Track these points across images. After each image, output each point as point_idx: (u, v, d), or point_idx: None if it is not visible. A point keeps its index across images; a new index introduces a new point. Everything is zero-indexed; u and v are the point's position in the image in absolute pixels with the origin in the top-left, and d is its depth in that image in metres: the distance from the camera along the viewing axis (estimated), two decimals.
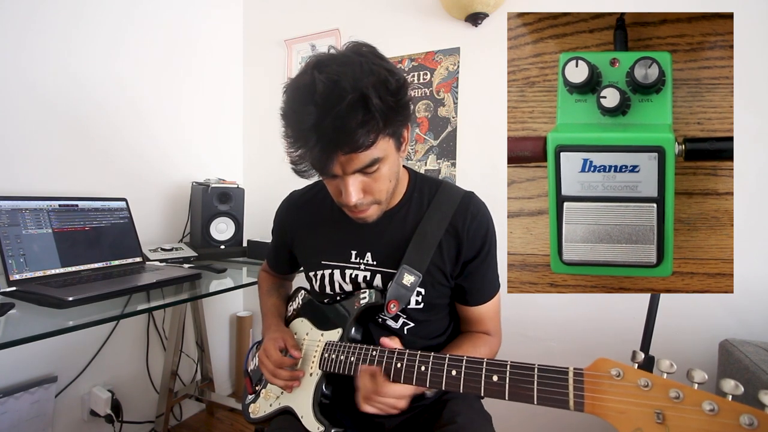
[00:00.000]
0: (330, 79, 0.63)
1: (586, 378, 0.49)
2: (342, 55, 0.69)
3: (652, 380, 0.44)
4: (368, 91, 0.63)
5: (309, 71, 0.66)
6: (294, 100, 0.67)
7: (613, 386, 0.46)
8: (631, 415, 0.43)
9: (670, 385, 0.43)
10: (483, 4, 1.50)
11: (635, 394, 0.44)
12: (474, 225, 0.83)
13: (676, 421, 0.41)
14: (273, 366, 0.84)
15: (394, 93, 0.67)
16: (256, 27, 2.17)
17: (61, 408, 1.47)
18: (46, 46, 1.40)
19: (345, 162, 0.67)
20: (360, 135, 0.63)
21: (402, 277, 0.80)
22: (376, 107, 0.63)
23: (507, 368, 0.58)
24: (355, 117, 0.62)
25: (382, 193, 0.76)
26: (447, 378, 0.63)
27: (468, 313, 0.89)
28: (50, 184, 1.42)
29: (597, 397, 0.47)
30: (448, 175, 1.69)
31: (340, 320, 0.87)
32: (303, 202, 1.00)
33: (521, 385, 0.55)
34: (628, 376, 0.46)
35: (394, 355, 0.70)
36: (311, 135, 0.64)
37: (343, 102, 0.62)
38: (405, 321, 0.86)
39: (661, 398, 0.42)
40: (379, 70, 0.66)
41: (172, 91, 1.84)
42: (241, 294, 2.29)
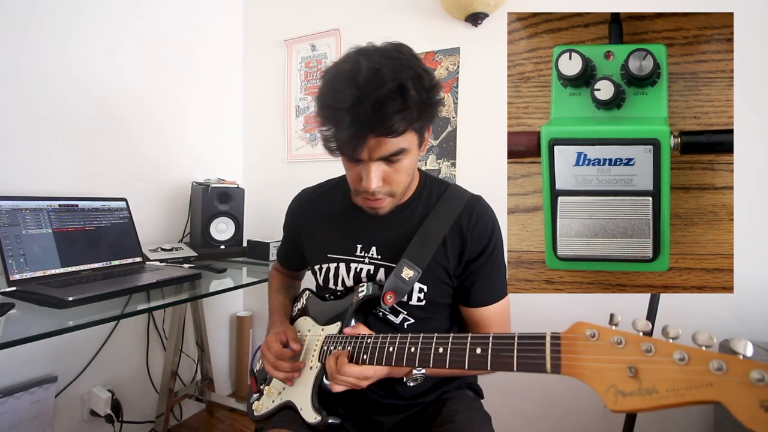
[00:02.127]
0: (373, 67, 0.67)
1: (563, 341, 0.50)
2: (384, 48, 0.73)
3: (625, 337, 0.44)
4: (407, 83, 0.67)
5: (353, 57, 0.71)
6: (335, 80, 0.70)
7: (588, 346, 0.47)
8: (605, 373, 0.44)
9: (642, 340, 0.43)
10: (483, 4, 1.50)
11: (609, 351, 0.45)
12: (479, 225, 0.85)
13: (648, 374, 0.41)
14: (274, 358, 0.85)
15: (428, 90, 0.71)
16: (256, 27, 2.18)
17: (61, 408, 1.47)
18: (47, 46, 1.41)
19: (373, 147, 0.71)
20: (395, 121, 0.67)
21: (401, 270, 0.81)
22: (412, 98, 0.67)
23: (489, 340, 0.59)
24: (392, 104, 0.66)
25: (399, 185, 0.79)
26: (434, 355, 0.64)
27: (470, 315, 0.89)
28: (50, 184, 1.42)
29: (573, 357, 0.48)
30: (448, 174, 1.68)
31: (339, 315, 0.88)
32: (312, 198, 1.02)
33: (502, 354, 0.56)
34: (603, 335, 0.46)
35: (387, 340, 0.72)
36: (346, 115, 0.67)
37: (383, 88, 0.65)
38: (405, 317, 0.87)
39: (633, 353, 0.43)
40: (417, 67, 0.71)
41: (172, 91, 1.84)
42: (241, 294, 2.29)
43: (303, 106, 2.05)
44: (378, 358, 0.71)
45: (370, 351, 0.73)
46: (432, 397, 0.91)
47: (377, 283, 0.86)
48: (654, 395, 0.40)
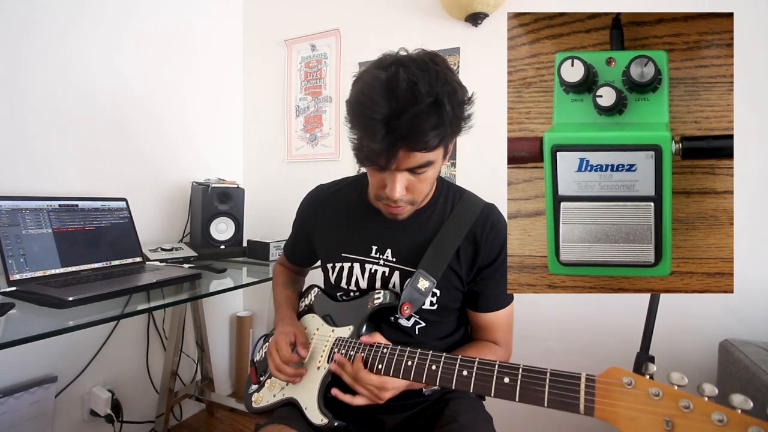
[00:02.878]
0: (410, 79, 0.66)
1: (597, 384, 0.50)
2: (421, 59, 0.71)
3: (663, 390, 0.45)
4: (443, 98, 0.67)
5: (391, 66, 0.69)
6: (372, 89, 0.69)
7: (624, 393, 0.47)
8: (641, 422, 0.44)
9: (680, 396, 0.44)
10: (483, 4, 1.50)
11: (646, 402, 0.45)
12: (493, 234, 0.87)
13: (684, 429, 0.42)
14: (280, 360, 0.86)
15: (461, 104, 0.72)
16: (256, 27, 2.17)
17: (61, 408, 1.47)
18: (47, 47, 1.40)
19: (402, 158, 0.71)
20: (430, 137, 0.67)
21: (417, 282, 0.83)
22: (447, 114, 0.67)
23: (519, 372, 0.59)
24: (429, 119, 0.66)
25: (421, 194, 0.81)
26: (458, 377, 0.65)
27: (478, 319, 0.91)
28: (50, 184, 1.42)
29: (608, 402, 0.48)
30: (448, 175, 1.69)
31: (351, 318, 0.88)
32: (328, 195, 1.02)
33: (532, 387, 0.57)
34: (640, 385, 0.47)
35: (405, 353, 0.72)
36: (381, 126, 0.67)
37: (421, 103, 0.65)
38: (417, 321, 0.88)
39: (671, 407, 0.44)
40: (452, 81, 0.70)
41: (172, 91, 1.84)
42: (241, 294, 2.29)
43: (303, 106, 2.04)
44: (395, 370, 0.71)
45: (386, 362, 0.73)
46: (434, 397, 0.92)
47: (393, 291, 0.87)
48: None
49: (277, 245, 1.72)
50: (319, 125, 2.00)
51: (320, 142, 2.00)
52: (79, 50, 1.49)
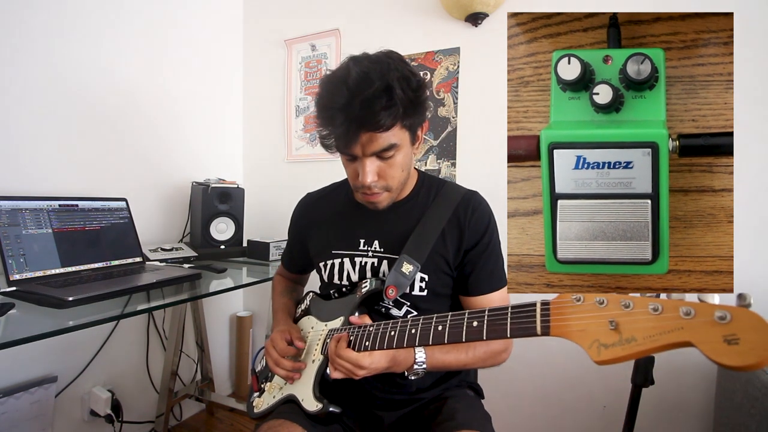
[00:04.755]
0: (362, 70, 0.75)
1: (552, 306, 0.54)
2: (374, 55, 0.81)
3: (607, 298, 0.49)
4: (393, 83, 0.74)
5: (345, 63, 0.80)
6: (330, 84, 0.78)
7: (574, 308, 0.51)
8: (589, 330, 0.48)
9: (621, 298, 0.48)
10: (483, 4, 1.51)
11: (592, 310, 0.49)
12: (475, 216, 0.90)
13: (627, 325, 0.46)
14: (277, 354, 0.89)
15: (414, 89, 0.78)
16: (256, 27, 2.18)
17: (61, 408, 1.47)
18: (45, 47, 1.41)
19: (365, 143, 0.77)
20: (382, 117, 0.74)
21: (401, 266, 0.86)
22: (398, 97, 0.74)
23: (485, 313, 0.62)
24: (379, 101, 0.73)
25: (394, 180, 0.85)
26: (434, 332, 0.68)
27: (470, 304, 0.92)
28: (50, 184, 1.43)
29: (561, 319, 0.52)
30: (448, 175, 1.69)
31: (342, 310, 0.90)
32: (316, 200, 1.08)
33: (497, 323, 0.60)
34: (587, 298, 0.51)
35: (389, 325, 0.75)
36: (339, 114, 0.74)
37: (371, 88, 0.73)
38: (408, 309, 0.90)
39: (613, 309, 0.48)
40: (404, 69, 0.78)
41: (172, 91, 1.85)
42: (241, 294, 2.30)
43: (303, 106, 2.05)
44: (380, 343, 0.74)
45: (372, 337, 0.76)
46: (433, 394, 0.93)
47: (380, 278, 0.89)
48: (633, 343, 0.44)
49: (277, 245, 1.73)
50: None
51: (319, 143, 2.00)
52: (79, 50, 1.50)
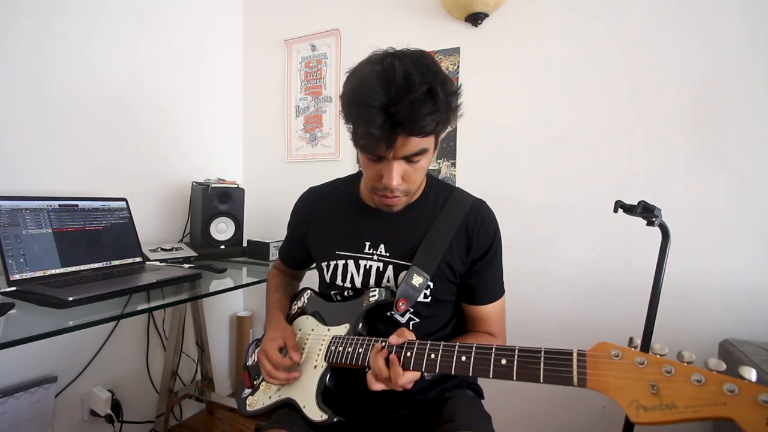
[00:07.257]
0: (405, 69, 0.70)
1: (588, 358, 0.55)
2: (411, 54, 0.75)
3: (647, 359, 0.50)
4: (436, 87, 0.70)
5: (386, 59, 0.73)
6: (369, 79, 0.71)
7: (612, 365, 0.52)
8: (628, 388, 0.49)
9: (663, 362, 0.49)
10: (483, 4, 1.50)
11: (632, 370, 0.50)
12: (484, 226, 0.89)
13: (669, 391, 0.47)
14: (271, 367, 0.86)
15: (452, 94, 0.75)
16: (256, 27, 2.18)
17: (61, 408, 1.47)
18: (45, 47, 1.40)
19: (400, 145, 0.73)
20: (428, 122, 0.70)
21: (411, 278, 0.85)
22: (441, 101, 0.71)
23: (515, 352, 0.62)
24: (425, 105, 0.69)
25: (415, 184, 0.83)
26: (456, 363, 0.67)
27: (474, 312, 0.93)
28: (50, 184, 1.42)
29: (598, 373, 0.53)
30: (448, 175, 1.68)
31: (347, 316, 0.89)
32: (320, 195, 1.04)
33: (529, 366, 0.60)
34: (626, 356, 0.52)
35: (403, 345, 0.74)
36: (380, 113, 0.69)
37: (417, 91, 0.68)
38: (411, 316, 0.89)
39: (655, 373, 0.49)
40: (442, 72, 0.75)
41: (172, 91, 1.84)
42: (241, 294, 2.29)
43: (303, 106, 2.04)
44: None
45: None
46: (433, 395, 0.92)
47: (388, 288, 0.88)
48: (674, 410, 0.46)
49: (277, 245, 1.72)
50: (319, 125, 2.00)
51: (320, 142, 2.00)
52: (79, 51, 1.50)
